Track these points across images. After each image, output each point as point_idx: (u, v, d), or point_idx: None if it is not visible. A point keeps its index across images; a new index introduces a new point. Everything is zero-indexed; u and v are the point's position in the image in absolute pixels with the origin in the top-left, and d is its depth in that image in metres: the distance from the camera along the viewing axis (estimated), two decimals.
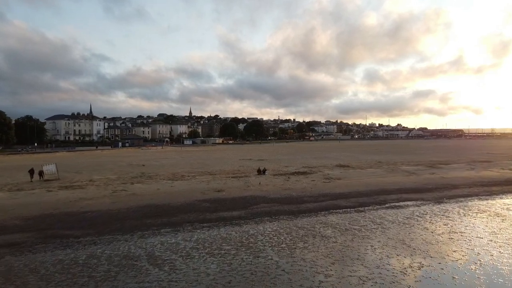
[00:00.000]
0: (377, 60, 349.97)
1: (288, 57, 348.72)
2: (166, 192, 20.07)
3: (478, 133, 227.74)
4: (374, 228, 13.69)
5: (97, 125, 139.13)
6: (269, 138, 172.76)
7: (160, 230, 13.27)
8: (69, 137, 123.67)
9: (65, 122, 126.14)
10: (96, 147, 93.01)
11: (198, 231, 13.30)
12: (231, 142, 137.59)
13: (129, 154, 65.41)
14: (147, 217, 14.93)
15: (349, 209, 16.76)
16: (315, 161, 39.74)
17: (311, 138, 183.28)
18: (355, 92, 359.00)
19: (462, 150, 64.77)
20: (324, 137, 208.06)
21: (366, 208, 17.08)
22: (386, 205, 17.64)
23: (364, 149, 75.11)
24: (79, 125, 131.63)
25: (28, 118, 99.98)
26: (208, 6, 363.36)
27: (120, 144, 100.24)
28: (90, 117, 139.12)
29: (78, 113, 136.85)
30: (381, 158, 44.04)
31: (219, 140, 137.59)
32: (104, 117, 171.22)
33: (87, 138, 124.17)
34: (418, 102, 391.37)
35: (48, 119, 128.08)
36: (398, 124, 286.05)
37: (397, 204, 17.92)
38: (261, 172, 28.19)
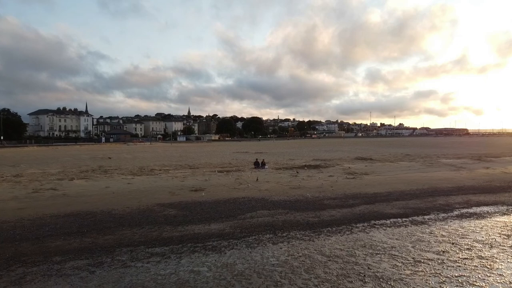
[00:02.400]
0: (380, 59, 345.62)
1: (289, 56, 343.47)
2: (117, 192, 13.91)
3: (488, 132, 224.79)
4: (467, 258, 7.58)
5: (85, 121, 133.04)
6: (269, 135, 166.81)
7: (64, 265, 7.10)
8: (53, 133, 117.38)
9: (49, 117, 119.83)
10: (75, 142, 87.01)
11: (139, 265, 7.14)
12: (228, 139, 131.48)
13: (107, 149, 59.27)
14: (58, 236, 8.76)
15: (400, 219, 10.64)
16: (327, 154, 33.63)
17: (313, 136, 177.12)
18: (356, 92, 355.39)
19: (489, 145, 58.89)
20: (327, 135, 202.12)
21: (426, 217, 10.96)
22: (455, 213, 11.52)
23: (376, 144, 68.93)
24: (65, 121, 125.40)
25: (5, 111, 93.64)
26: (206, 1, 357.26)
27: (103, 139, 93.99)
28: (77, 112, 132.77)
29: (64, 108, 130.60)
30: (405, 151, 37.98)
31: (215, 137, 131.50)
32: (101, 116, 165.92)
33: (72, 134, 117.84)
34: (419, 103, 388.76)
35: (31, 113, 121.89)
36: (400, 124, 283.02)
37: (470, 210, 11.79)
38: (259, 165, 22.10)
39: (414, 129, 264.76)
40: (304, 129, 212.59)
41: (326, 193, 14.03)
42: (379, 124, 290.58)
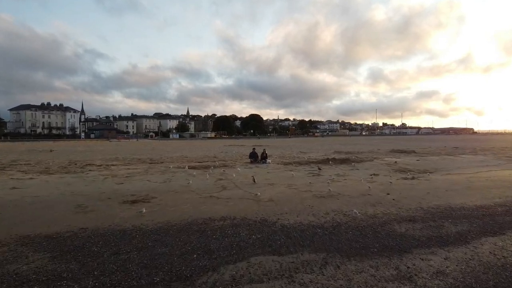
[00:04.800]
0: (383, 57, 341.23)
1: (290, 55, 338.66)
2: None
3: (499, 132, 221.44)
4: None
5: (72, 118, 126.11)
6: (269, 134, 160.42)
7: None
8: (35, 130, 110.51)
9: (32, 113, 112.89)
10: (52, 139, 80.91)
11: None
12: (225, 136, 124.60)
13: (76, 144, 52.33)
14: None
15: None
16: (348, 147, 26.99)
17: (316, 134, 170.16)
18: (358, 93, 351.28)
19: None
20: (330, 133, 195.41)
21: None
22: None
23: (395, 140, 61.30)
24: (49, 117, 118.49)
25: None
26: None
27: (83, 135, 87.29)
28: (63, 108, 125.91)
29: (49, 103, 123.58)
30: (444, 144, 31.43)
31: (211, 135, 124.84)
32: (98, 116, 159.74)
33: (55, 131, 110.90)
34: (420, 103, 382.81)
35: (12, 109, 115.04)
36: (403, 123, 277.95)
37: None
38: (257, 157, 15.51)
39: (419, 128, 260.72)
40: (306, 127, 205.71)
41: (386, 208, 7.41)
42: (381, 124, 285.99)
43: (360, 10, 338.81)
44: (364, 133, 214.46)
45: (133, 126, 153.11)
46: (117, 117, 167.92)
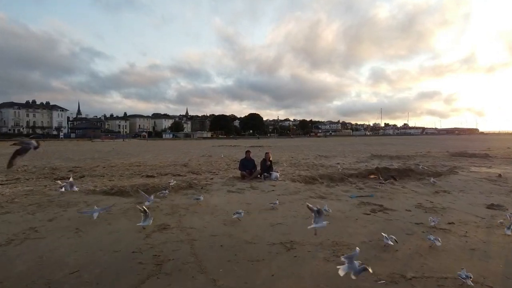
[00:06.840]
0: (385, 57, 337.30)
1: (290, 54, 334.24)
2: None
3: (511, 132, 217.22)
4: None
5: (59, 117, 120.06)
6: (269, 134, 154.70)
7: None
8: (19, 129, 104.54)
9: (14, 112, 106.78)
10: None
11: None
12: (222, 136, 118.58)
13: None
14: None
15: None
16: (379, 148, 21.02)
17: (318, 134, 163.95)
18: (358, 93, 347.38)
19: None
20: (333, 133, 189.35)
21: None
22: None
23: (416, 141, 53.52)
24: (34, 116, 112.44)
25: None
26: None
27: (62, 135, 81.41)
28: (50, 106, 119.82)
29: (34, 101, 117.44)
30: (493, 145, 25.73)
31: (208, 135, 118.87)
32: (87, 115, 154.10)
33: (39, 131, 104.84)
34: (422, 104, 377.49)
35: None
36: (404, 124, 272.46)
37: None
38: (252, 167, 9.49)
39: (424, 128, 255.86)
40: (308, 127, 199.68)
41: None
42: (382, 125, 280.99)
43: (364, 7, 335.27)
44: (368, 133, 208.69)
45: (125, 126, 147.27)
46: (109, 116, 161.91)
